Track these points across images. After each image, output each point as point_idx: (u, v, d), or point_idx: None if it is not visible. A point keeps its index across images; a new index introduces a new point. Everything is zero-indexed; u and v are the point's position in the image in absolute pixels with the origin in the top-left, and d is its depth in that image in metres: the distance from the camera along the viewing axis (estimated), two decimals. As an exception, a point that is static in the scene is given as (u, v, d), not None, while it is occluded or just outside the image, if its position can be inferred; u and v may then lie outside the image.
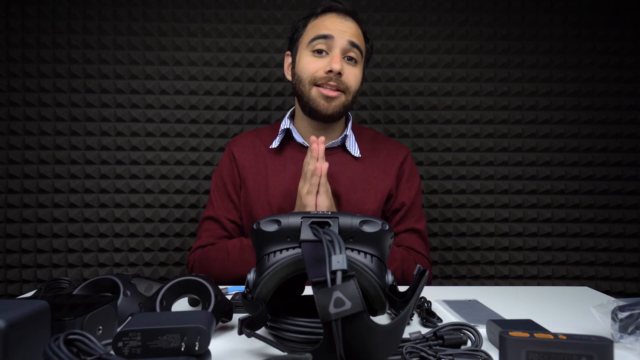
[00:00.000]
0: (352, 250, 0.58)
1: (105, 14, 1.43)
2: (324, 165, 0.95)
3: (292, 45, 1.13)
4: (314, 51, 1.05)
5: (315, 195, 0.96)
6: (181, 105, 1.45)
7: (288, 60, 1.15)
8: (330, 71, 1.03)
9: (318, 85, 1.05)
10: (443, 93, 1.48)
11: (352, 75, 1.06)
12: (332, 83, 1.04)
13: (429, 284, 1.17)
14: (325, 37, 1.03)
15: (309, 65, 1.05)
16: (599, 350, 0.50)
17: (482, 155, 1.48)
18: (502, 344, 0.52)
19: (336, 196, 1.08)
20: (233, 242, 1.06)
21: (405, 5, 1.48)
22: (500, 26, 1.48)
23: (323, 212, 0.60)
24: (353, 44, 1.04)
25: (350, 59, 1.06)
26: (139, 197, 1.44)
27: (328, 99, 1.04)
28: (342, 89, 1.05)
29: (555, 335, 0.52)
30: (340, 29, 1.04)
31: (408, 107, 1.48)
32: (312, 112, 1.07)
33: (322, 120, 1.08)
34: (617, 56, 1.47)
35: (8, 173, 1.41)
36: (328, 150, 1.12)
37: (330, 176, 1.08)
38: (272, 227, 0.59)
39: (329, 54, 1.05)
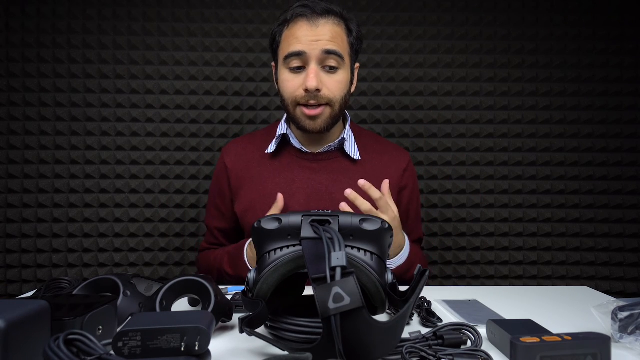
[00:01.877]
0: (352, 247, 0.58)
1: (105, 14, 1.43)
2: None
3: (274, 56, 1.08)
4: (290, 68, 1.01)
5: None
6: (181, 105, 1.45)
7: (275, 72, 1.11)
8: (307, 90, 0.99)
9: (301, 105, 1.01)
10: (443, 93, 1.48)
11: (334, 85, 1.01)
12: (312, 102, 1.00)
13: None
14: (298, 54, 0.98)
15: (288, 84, 1.02)
16: (601, 346, 0.51)
17: (482, 155, 1.48)
18: (514, 351, 0.52)
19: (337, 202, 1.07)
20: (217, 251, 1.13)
21: (405, 5, 1.48)
22: (500, 26, 1.48)
23: (323, 211, 0.60)
24: (329, 52, 0.98)
25: (331, 68, 1.00)
26: (139, 197, 1.44)
27: (312, 118, 1.01)
28: (324, 104, 1.01)
29: (561, 336, 0.52)
30: (311, 40, 0.98)
31: (408, 107, 1.48)
32: (301, 129, 1.05)
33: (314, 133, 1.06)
34: (617, 56, 1.46)
35: (8, 173, 1.41)
36: (325, 155, 1.10)
37: (329, 181, 1.07)
38: (272, 225, 0.60)
39: (306, 68, 1.00)
